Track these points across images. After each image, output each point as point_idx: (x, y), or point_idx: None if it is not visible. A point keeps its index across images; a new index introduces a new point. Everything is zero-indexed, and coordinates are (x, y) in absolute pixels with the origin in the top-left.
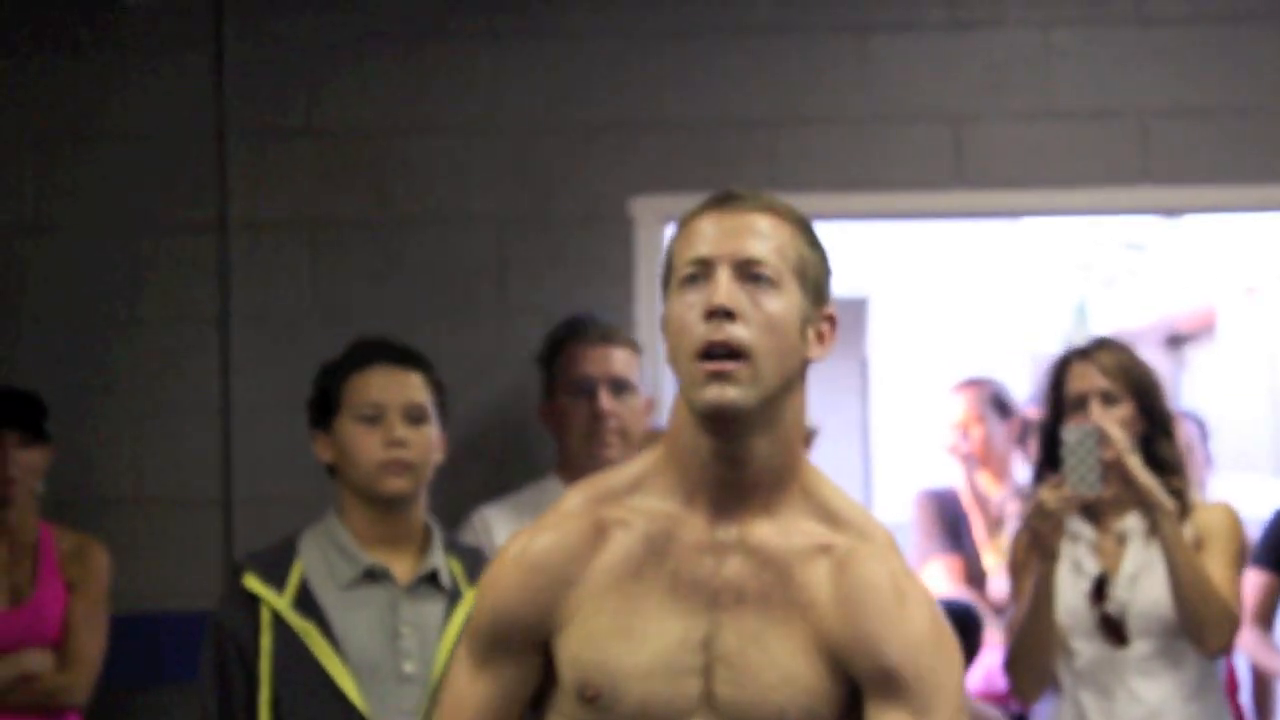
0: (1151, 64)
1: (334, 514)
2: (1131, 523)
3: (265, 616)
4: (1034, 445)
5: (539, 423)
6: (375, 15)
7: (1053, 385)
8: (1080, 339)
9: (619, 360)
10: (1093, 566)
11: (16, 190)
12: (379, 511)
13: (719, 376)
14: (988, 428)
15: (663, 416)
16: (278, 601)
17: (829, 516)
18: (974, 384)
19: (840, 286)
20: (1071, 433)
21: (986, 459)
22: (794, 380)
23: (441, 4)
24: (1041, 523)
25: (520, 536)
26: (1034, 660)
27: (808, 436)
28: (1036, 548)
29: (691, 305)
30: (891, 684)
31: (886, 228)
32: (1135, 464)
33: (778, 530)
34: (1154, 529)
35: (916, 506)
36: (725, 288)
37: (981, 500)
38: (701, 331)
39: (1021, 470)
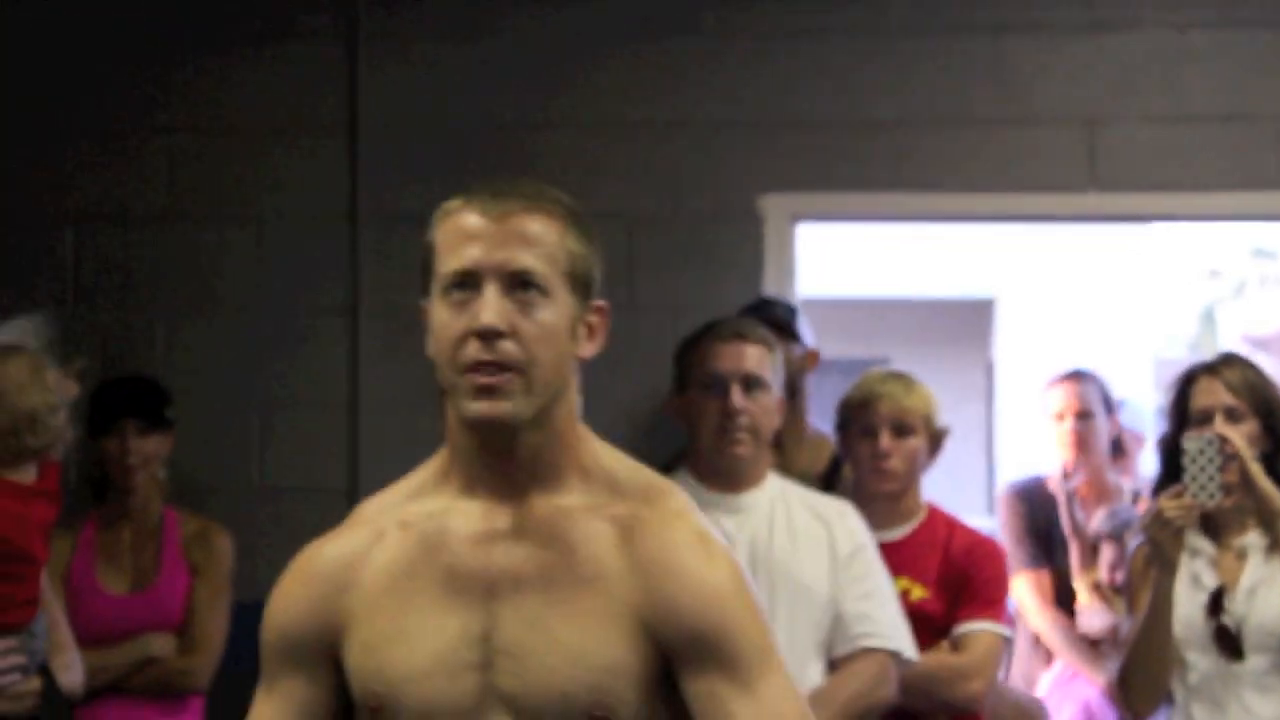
0: None
1: None
2: (1252, 538)
3: None
4: (1126, 458)
5: (667, 419)
6: (504, 12)
7: (1177, 399)
8: (1208, 347)
9: (752, 357)
10: (1211, 580)
11: (148, 180)
12: None
13: (488, 390)
14: (1094, 424)
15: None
16: None
17: (612, 487)
18: (1077, 377)
19: (966, 287)
20: (1192, 441)
21: (1086, 455)
22: (566, 381)
23: (570, 4)
24: (1160, 532)
25: (307, 548)
26: (1149, 673)
27: (938, 436)
28: (1155, 559)
29: (458, 316)
30: (698, 645)
31: (1014, 229)
32: (1257, 470)
33: (556, 508)
34: (1275, 544)
35: (1003, 507)
36: (494, 305)
37: (1079, 531)
38: (471, 350)
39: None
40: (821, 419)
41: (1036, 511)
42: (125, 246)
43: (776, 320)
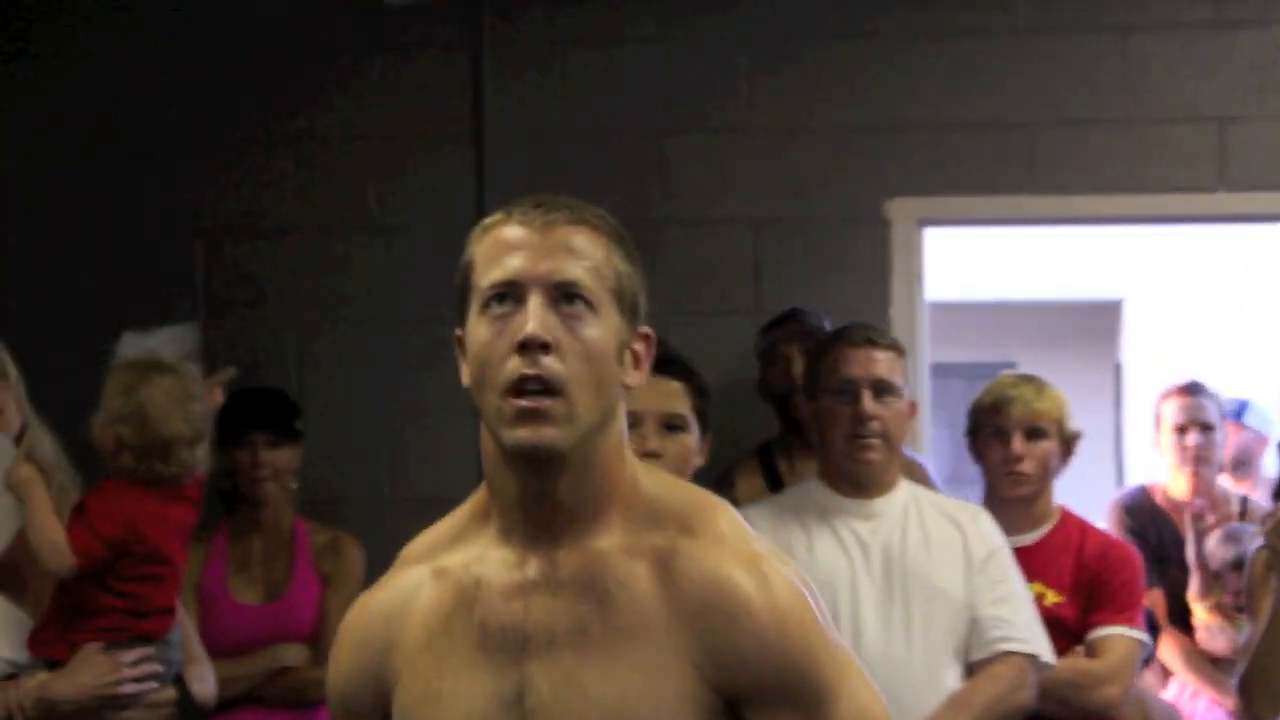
0: None
1: None
2: None
3: None
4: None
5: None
6: (629, 19)
7: None
8: None
9: (882, 363)
10: None
11: (277, 191)
12: None
13: (532, 415)
14: (1214, 437)
15: (924, 420)
16: None
17: (651, 515)
18: (1195, 389)
19: (1093, 288)
20: None
21: (1206, 470)
22: (611, 410)
23: (692, 6)
24: None
25: (358, 603)
26: (1271, 680)
27: (1070, 439)
28: (1276, 566)
29: (500, 333)
30: (765, 686)
31: (1143, 229)
32: None
33: (592, 553)
34: None
35: (1111, 524)
36: (539, 317)
37: (1202, 562)
38: (513, 365)
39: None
40: (946, 425)
41: (1146, 527)
42: (255, 258)
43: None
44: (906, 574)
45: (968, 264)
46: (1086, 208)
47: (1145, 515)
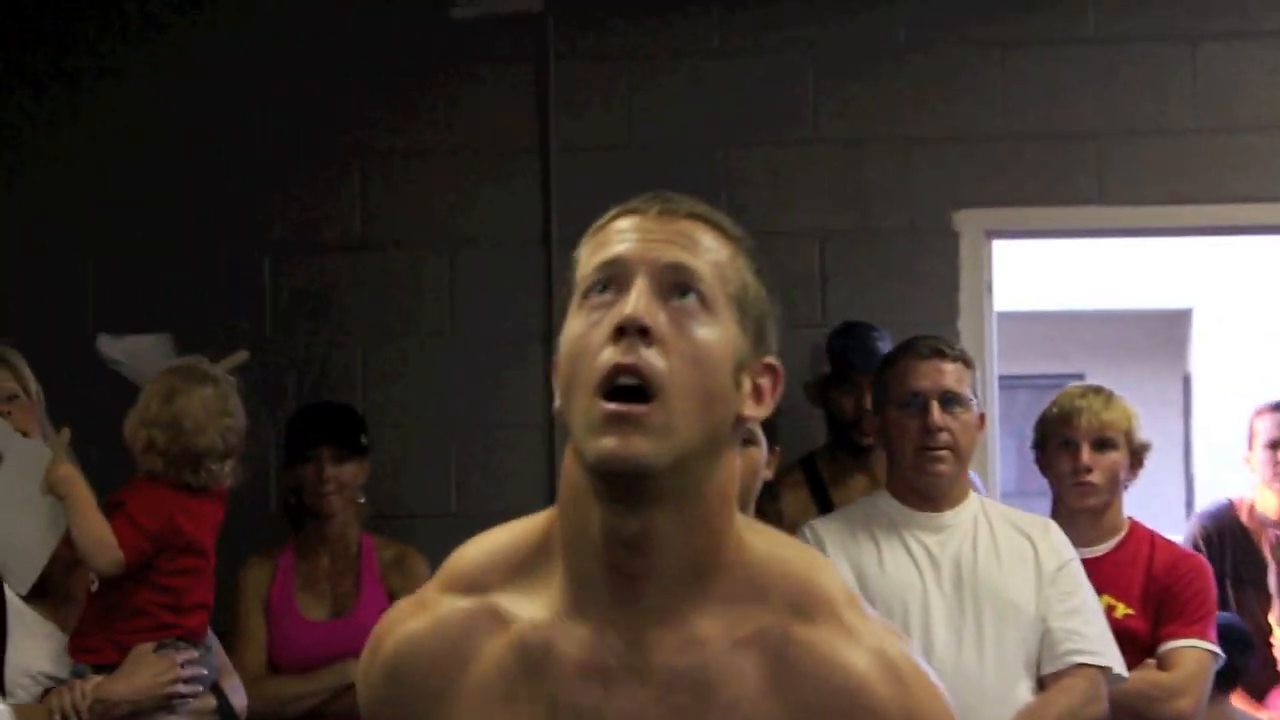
0: None
1: None
2: None
3: None
4: None
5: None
6: (694, 33)
7: None
8: None
9: (950, 374)
10: None
11: (343, 207)
12: None
13: (622, 420)
14: None
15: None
16: None
17: (758, 588)
18: None
19: (1161, 298)
20: None
21: None
22: (721, 440)
23: (757, 20)
24: None
25: (401, 619)
26: None
27: (1139, 451)
28: None
29: (595, 323)
30: None
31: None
32: None
33: (688, 637)
34: None
35: (1191, 534)
36: (642, 299)
37: None
38: (607, 355)
39: None
40: (1013, 436)
41: (1226, 544)
42: (321, 274)
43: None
44: (977, 587)
45: (1034, 275)
46: (1157, 218)
47: (1227, 529)
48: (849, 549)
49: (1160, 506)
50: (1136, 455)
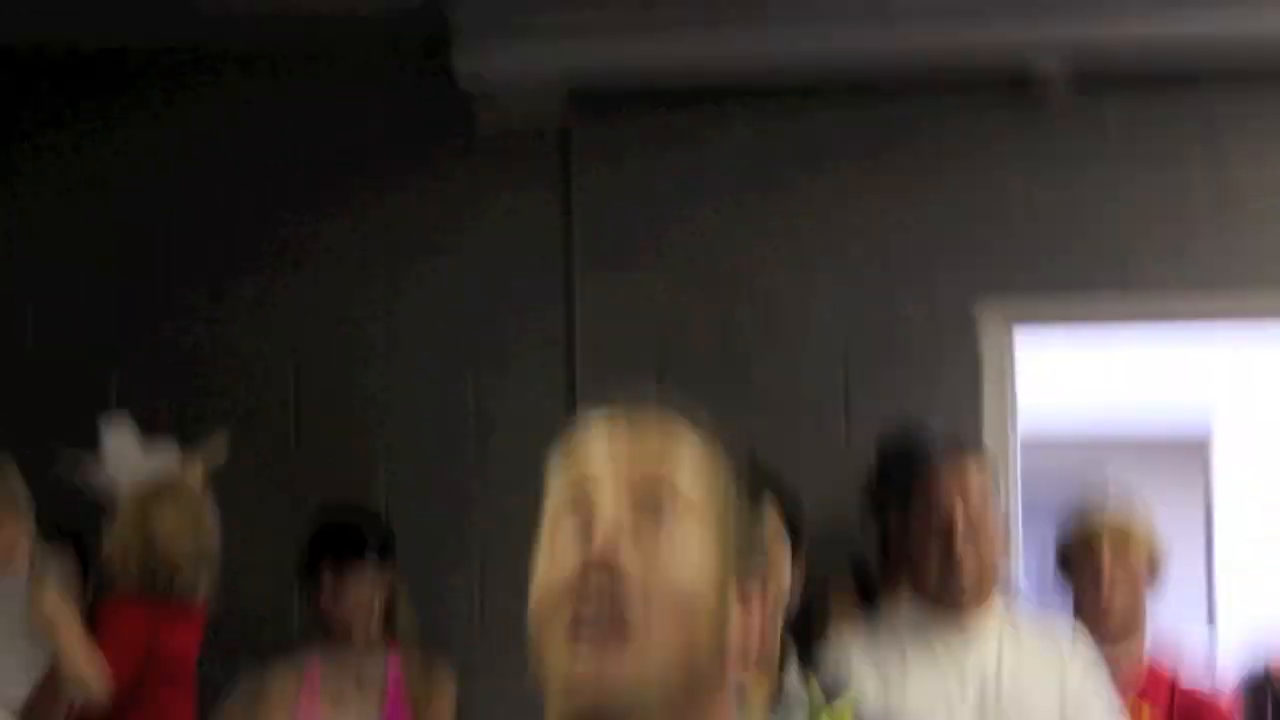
0: None
1: None
2: None
3: None
4: None
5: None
6: (712, 123)
7: None
8: None
9: (974, 474)
10: None
11: (367, 313)
12: None
13: (597, 647)
14: None
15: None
16: None
17: None
18: None
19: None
20: None
21: None
22: (712, 680)
23: (778, 139)
24: None
25: None
26: None
27: (1155, 562)
28: None
29: (564, 549)
30: None
31: (1231, 350)
32: None
33: None
34: None
35: (1232, 706)
36: (611, 520)
37: None
38: (577, 589)
39: None
40: (1035, 560)
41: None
42: (346, 384)
43: None
44: (1001, 698)
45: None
46: (1186, 308)
47: (1265, 695)
48: (876, 666)
49: (1183, 638)
50: (1155, 567)
